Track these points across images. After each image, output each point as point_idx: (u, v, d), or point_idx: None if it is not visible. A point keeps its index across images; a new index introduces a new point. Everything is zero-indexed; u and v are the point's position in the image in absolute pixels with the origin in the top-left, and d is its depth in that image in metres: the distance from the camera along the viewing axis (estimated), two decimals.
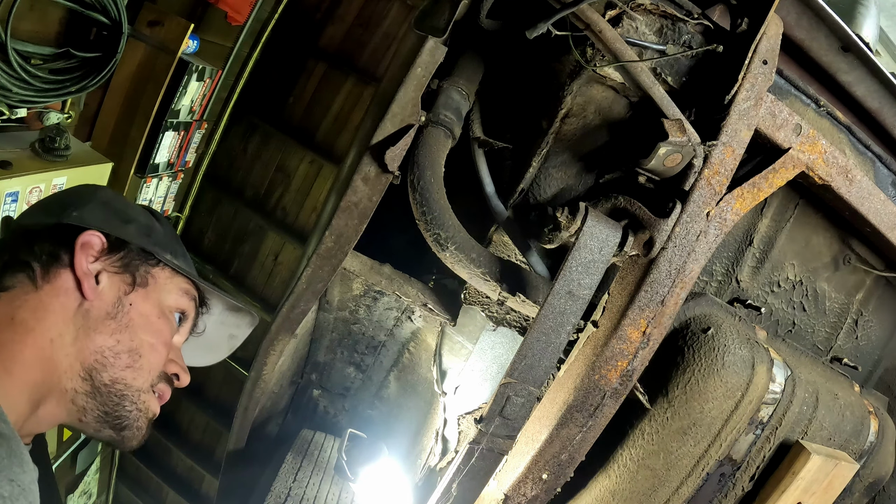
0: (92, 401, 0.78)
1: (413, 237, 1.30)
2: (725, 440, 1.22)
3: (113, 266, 0.83)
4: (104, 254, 0.83)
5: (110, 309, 0.81)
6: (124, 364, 0.80)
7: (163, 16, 3.26)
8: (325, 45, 4.64)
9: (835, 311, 1.56)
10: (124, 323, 0.81)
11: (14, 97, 2.41)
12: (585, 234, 1.04)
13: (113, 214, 0.88)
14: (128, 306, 0.83)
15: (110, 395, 0.79)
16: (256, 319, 1.05)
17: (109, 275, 0.83)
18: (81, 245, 0.80)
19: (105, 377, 0.78)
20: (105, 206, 0.88)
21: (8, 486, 0.53)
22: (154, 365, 0.84)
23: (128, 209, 0.91)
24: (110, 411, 0.79)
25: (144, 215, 0.93)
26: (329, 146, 4.78)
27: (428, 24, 1.16)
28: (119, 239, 0.85)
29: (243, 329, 1.06)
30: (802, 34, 1.21)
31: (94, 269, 0.81)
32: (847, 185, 1.25)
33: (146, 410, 0.84)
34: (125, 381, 0.80)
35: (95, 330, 0.78)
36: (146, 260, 0.87)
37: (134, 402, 0.81)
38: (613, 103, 1.26)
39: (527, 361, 1.06)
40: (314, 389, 2.29)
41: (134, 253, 0.86)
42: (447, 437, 1.78)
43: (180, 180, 4.58)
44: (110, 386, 0.79)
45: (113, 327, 0.80)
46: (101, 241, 0.83)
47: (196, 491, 5.81)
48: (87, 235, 0.81)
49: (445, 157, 1.24)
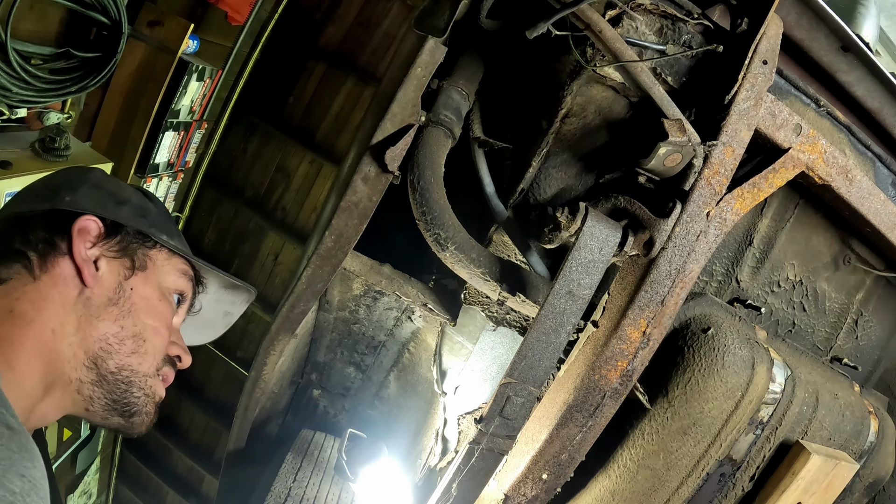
0: (99, 389, 0.77)
1: (413, 237, 1.30)
2: (725, 440, 1.22)
3: (111, 251, 0.82)
4: (101, 239, 0.81)
5: (112, 295, 0.79)
6: (129, 350, 0.79)
7: (163, 16, 3.26)
8: (325, 45, 4.64)
9: (835, 311, 1.56)
10: (126, 308, 0.80)
11: (14, 97, 2.41)
12: (585, 234, 1.04)
13: (107, 197, 0.85)
14: (129, 291, 0.81)
15: (117, 383, 0.78)
16: (254, 294, 1.04)
17: (108, 260, 0.81)
18: (78, 231, 0.78)
19: (111, 364, 0.77)
20: (98, 189, 0.86)
21: (19, 481, 0.52)
22: (158, 348, 0.83)
23: (121, 190, 0.89)
24: (118, 399, 0.78)
25: (137, 196, 0.91)
26: (329, 146, 4.78)
27: (428, 23, 1.15)
28: (115, 222, 0.83)
29: (239, 305, 1.05)
30: (802, 34, 1.21)
31: (92, 255, 0.79)
32: (847, 185, 1.25)
33: (153, 395, 0.83)
34: (131, 367, 0.79)
35: (98, 317, 0.77)
36: (143, 242, 0.85)
37: (141, 387, 0.80)
38: (613, 103, 1.26)
39: (527, 361, 1.06)
40: (314, 389, 2.29)
41: (131, 236, 0.84)
42: (447, 437, 1.78)
43: (180, 180, 4.58)
44: (117, 373, 0.78)
45: (115, 313, 0.79)
46: (98, 225, 0.81)
47: (196, 491, 5.81)
48: (84, 221, 0.79)
49: (445, 157, 1.24)
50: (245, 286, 1.02)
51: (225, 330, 1.07)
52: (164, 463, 5.90)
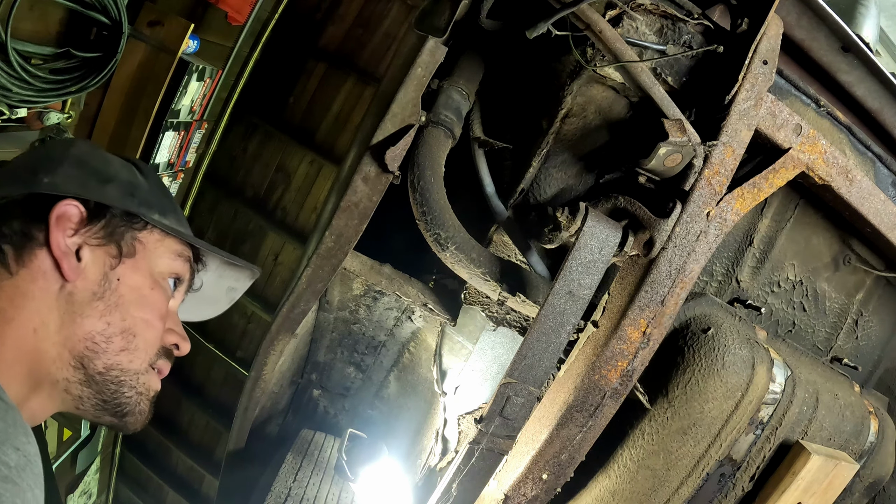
0: (88, 389, 0.72)
1: (413, 237, 1.30)
2: (725, 440, 1.22)
3: (95, 237, 0.75)
4: (83, 224, 0.74)
5: (96, 288, 0.73)
6: (118, 348, 0.73)
7: (163, 16, 3.26)
8: (326, 45, 4.64)
9: (835, 311, 1.56)
10: (113, 302, 0.74)
11: (14, 97, 2.41)
12: (585, 234, 1.04)
13: (90, 175, 0.78)
14: (115, 282, 0.75)
15: (106, 383, 0.73)
16: (257, 272, 0.98)
17: (91, 248, 0.74)
18: (57, 218, 0.71)
19: (99, 364, 0.72)
20: (80, 166, 0.78)
21: (14, 454, 0.50)
22: (151, 342, 0.78)
23: (107, 165, 0.81)
24: (109, 399, 0.73)
25: (126, 170, 0.83)
26: (329, 146, 4.78)
27: (428, 24, 1.16)
28: (99, 204, 0.76)
29: (243, 282, 0.99)
30: (803, 34, 1.21)
31: (73, 245, 0.73)
32: (847, 185, 1.25)
33: (147, 391, 0.78)
34: (121, 367, 0.74)
35: (82, 314, 0.71)
36: (131, 224, 0.78)
37: (133, 386, 0.75)
38: (613, 103, 1.26)
39: (527, 361, 1.06)
40: (314, 389, 2.29)
41: (117, 218, 0.77)
42: (447, 437, 1.78)
43: (180, 180, 4.57)
44: (105, 373, 0.72)
45: (101, 308, 0.73)
46: (80, 210, 0.73)
47: (196, 491, 5.81)
48: (62, 206, 0.72)
49: (445, 157, 1.24)
50: (247, 265, 0.96)
51: (229, 305, 1.01)
52: (164, 463, 5.89)
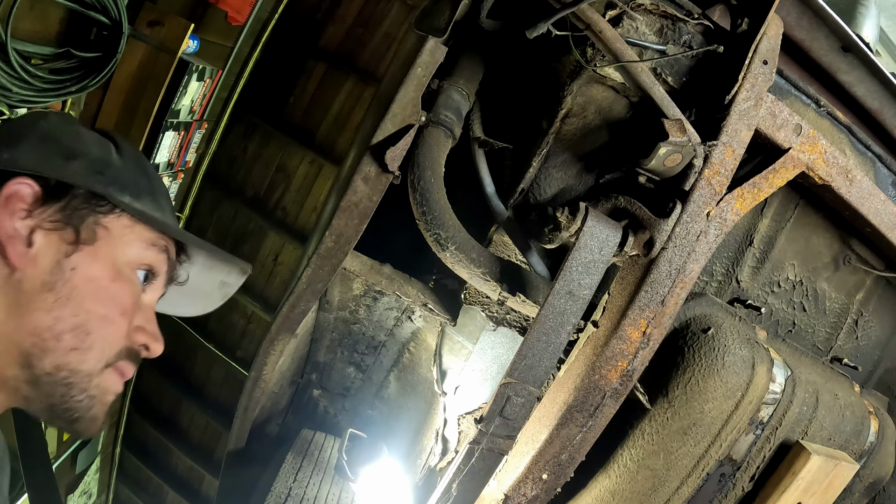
0: (34, 391, 0.65)
1: (413, 237, 1.30)
2: (725, 440, 1.22)
3: (50, 220, 0.66)
4: (38, 205, 0.66)
5: (47, 277, 0.65)
6: (68, 346, 0.65)
7: (163, 16, 3.26)
8: (326, 45, 4.64)
9: (835, 311, 1.56)
10: (65, 294, 0.66)
11: (14, 97, 2.41)
12: (585, 234, 1.04)
13: (54, 150, 0.70)
14: (69, 272, 0.66)
15: (54, 385, 0.65)
16: (249, 268, 0.90)
17: (45, 233, 0.66)
18: (6, 198, 0.64)
19: (46, 364, 0.64)
20: (45, 141, 0.70)
21: None
22: (109, 341, 0.69)
23: (76, 141, 0.73)
24: (57, 403, 0.66)
25: (99, 145, 0.75)
26: (329, 146, 4.78)
27: (428, 23, 1.16)
28: (62, 183, 0.68)
29: (235, 275, 0.90)
30: (803, 34, 1.21)
31: (24, 228, 0.65)
32: (847, 185, 1.25)
33: (102, 395, 0.69)
34: (70, 367, 0.66)
35: (29, 306, 0.64)
36: (95, 207, 0.70)
37: (84, 389, 0.67)
38: (613, 103, 1.26)
39: (527, 361, 1.06)
40: (314, 389, 2.29)
41: (80, 199, 0.68)
42: (447, 437, 1.78)
43: (180, 180, 4.57)
44: (53, 374, 0.65)
45: (51, 301, 0.65)
46: (33, 189, 0.66)
47: (196, 491, 5.81)
48: (13, 185, 0.65)
49: (445, 157, 1.24)
50: (236, 260, 0.89)
51: (224, 300, 0.92)
52: (164, 463, 5.89)
